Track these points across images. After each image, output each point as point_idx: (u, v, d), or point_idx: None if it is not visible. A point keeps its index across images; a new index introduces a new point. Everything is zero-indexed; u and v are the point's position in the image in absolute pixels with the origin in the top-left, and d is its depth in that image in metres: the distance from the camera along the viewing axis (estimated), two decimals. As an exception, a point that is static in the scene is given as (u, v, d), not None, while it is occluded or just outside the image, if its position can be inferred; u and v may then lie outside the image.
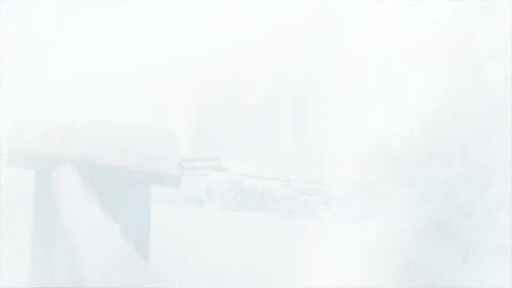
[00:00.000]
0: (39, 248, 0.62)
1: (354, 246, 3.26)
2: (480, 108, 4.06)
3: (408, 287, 2.55)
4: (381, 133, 4.15)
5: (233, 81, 8.29)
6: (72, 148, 0.71)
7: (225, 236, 3.60)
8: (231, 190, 7.76)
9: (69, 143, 0.71)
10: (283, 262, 3.14)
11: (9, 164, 0.61)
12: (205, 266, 2.68)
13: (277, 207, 6.92)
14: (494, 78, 4.17)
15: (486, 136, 3.80)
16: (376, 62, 5.36)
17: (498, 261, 2.87)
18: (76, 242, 0.45)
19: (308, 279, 2.75)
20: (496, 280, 2.78)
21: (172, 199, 6.41)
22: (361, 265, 2.94)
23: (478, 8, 4.36)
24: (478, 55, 4.28)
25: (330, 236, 3.95)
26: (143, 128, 0.81)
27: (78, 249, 0.42)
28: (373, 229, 4.01)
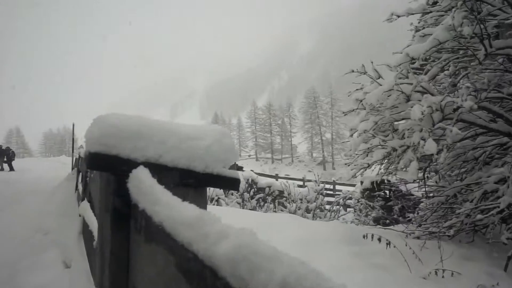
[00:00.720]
0: (118, 248, 0.61)
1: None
2: None
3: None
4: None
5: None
6: (144, 151, 0.71)
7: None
8: (249, 188, 7.78)
9: (141, 147, 0.71)
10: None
11: (89, 167, 0.61)
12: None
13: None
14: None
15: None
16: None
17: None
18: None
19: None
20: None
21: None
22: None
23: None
24: None
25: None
26: (206, 134, 0.80)
27: (175, 244, 0.41)
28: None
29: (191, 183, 0.77)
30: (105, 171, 0.68)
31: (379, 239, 3.16)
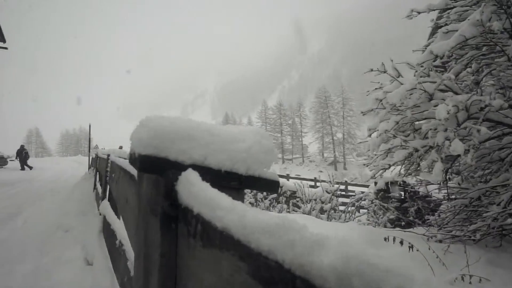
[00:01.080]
0: (168, 251, 0.61)
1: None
2: None
3: None
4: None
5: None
6: (191, 153, 0.71)
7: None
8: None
9: (188, 149, 0.71)
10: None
11: (141, 170, 0.62)
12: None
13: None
14: None
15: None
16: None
17: None
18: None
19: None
20: None
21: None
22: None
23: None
24: None
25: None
26: (246, 136, 0.79)
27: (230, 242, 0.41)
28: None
29: (234, 185, 0.76)
30: (155, 173, 0.68)
31: (401, 242, 3.08)
